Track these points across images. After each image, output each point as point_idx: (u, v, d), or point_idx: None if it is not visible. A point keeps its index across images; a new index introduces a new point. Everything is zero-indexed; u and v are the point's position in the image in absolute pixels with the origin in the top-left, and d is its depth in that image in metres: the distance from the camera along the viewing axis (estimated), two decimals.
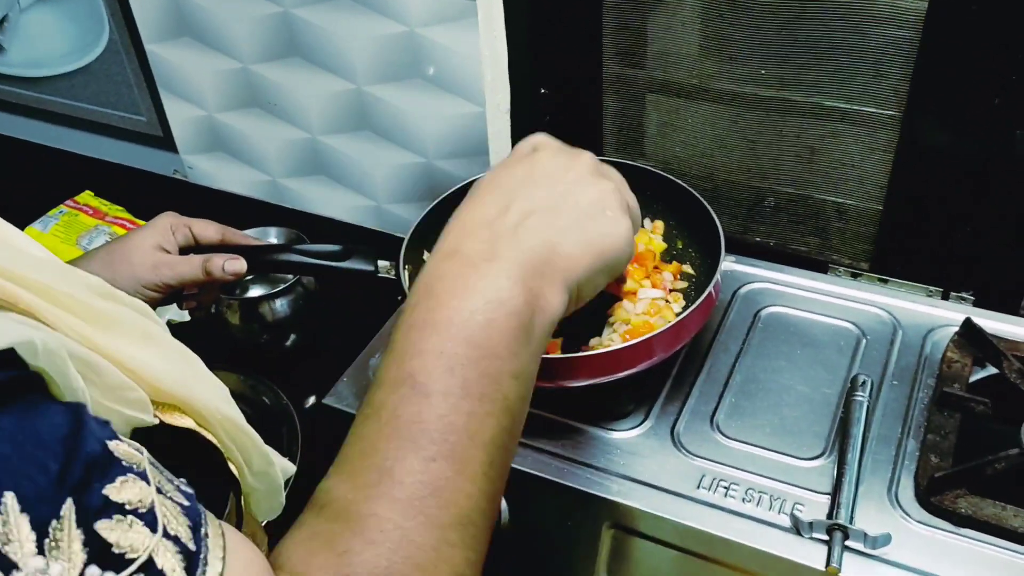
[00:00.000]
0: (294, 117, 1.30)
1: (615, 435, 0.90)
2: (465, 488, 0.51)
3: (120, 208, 1.45)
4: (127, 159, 1.53)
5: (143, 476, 0.42)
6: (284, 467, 0.63)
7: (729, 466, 0.86)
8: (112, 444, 0.42)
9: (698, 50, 1.10)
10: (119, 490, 0.40)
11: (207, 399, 0.53)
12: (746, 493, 0.83)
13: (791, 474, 0.85)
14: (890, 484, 0.83)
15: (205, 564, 0.42)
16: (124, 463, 0.41)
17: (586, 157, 0.64)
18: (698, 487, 0.84)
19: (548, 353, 0.91)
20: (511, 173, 0.61)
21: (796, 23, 1.01)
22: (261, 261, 0.99)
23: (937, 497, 0.79)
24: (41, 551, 0.36)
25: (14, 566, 0.35)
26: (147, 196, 1.49)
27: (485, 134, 1.17)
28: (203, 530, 0.43)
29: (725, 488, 0.84)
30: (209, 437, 0.55)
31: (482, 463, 0.52)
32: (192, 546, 0.42)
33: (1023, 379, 0.87)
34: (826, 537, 0.77)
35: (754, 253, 1.13)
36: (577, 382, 0.87)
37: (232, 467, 0.58)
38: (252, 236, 1.07)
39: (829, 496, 0.82)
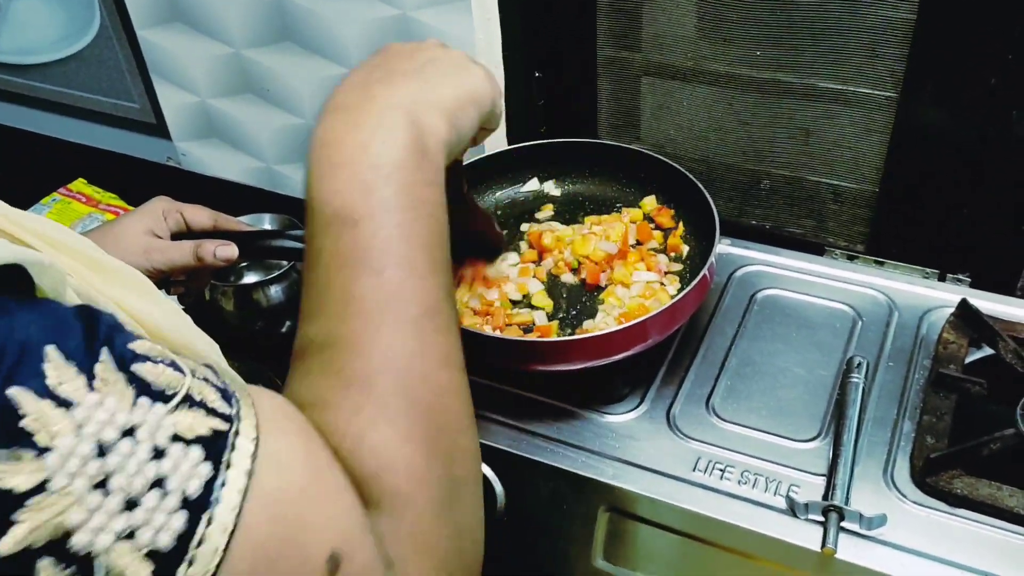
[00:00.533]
0: (287, 103, 1.30)
1: (611, 418, 0.90)
2: (420, 284, 0.55)
3: (113, 196, 1.44)
4: (120, 146, 1.52)
5: (155, 344, 0.46)
6: None
7: (725, 449, 0.86)
8: (121, 317, 0.46)
9: (693, 32, 1.09)
10: (141, 345, 0.44)
11: (201, 350, 0.55)
12: (742, 475, 0.83)
13: (787, 456, 0.85)
14: (886, 465, 0.83)
15: (235, 396, 0.46)
16: (135, 334, 0.45)
17: (432, 39, 0.69)
18: (694, 470, 0.84)
19: (543, 336, 0.91)
20: (370, 59, 0.65)
21: (791, 4, 1.00)
22: (255, 247, 0.98)
23: (933, 478, 0.79)
24: (92, 388, 0.40)
25: (69, 404, 0.39)
26: (140, 184, 1.48)
27: None
28: (222, 378, 0.48)
29: (721, 471, 0.84)
30: None
31: (426, 261, 0.56)
32: (218, 383, 0.46)
33: (1019, 359, 0.87)
34: (822, 518, 0.77)
35: (750, 236, 1.13)
36: (572, 365, 0.87)
37: None
38: (246, 223, 1.06)
39: (825, 477, 0.82)
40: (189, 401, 0.43)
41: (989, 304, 0.97)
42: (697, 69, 1.11)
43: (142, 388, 0.42)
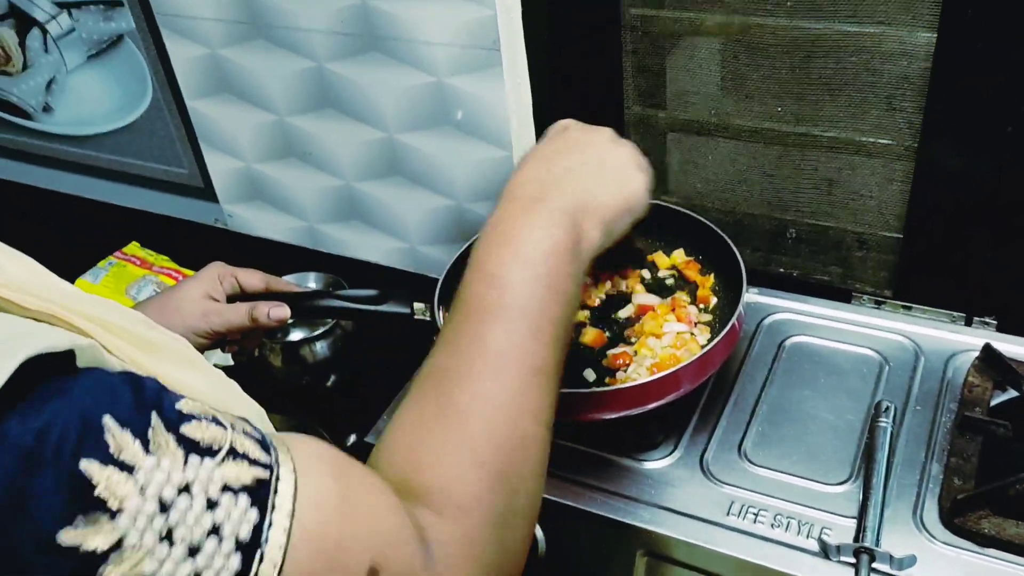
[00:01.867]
0: (329, 165, 1.36)
1: (646, 465, 0.94)
2: (539, 348, 0.64)
3: (165, 258, 1.51)
4: (170, 210, 1.59)
5: (195, 401, 0.51)
6: None
7: (758, 493, 0.89)
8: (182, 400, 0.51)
9: (716, 89, 1.14)
10: (186, 404, 0.49)
11: (244, 414, 0.59)
12: (775, 519, 0.86)
13: (818, 499, 0.87)
14: (915, 507, 0.85)
15: (272, 445, 0.52)
16: (178, 394, 0.50)
17: (606, 130, 0.79)
18: (728, 514, 0.87)
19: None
20: (549, 146, 0.77)
21: (809, 61, 1.05)
22: (303, 307, 1.04)
23: (961, 518, 0.81)
24: (148, 452, 0.45)
25: (131, 468, 0.44)
26: (190, 245, 1.55)
27: None
28: (260, 431, 0.53)
29: (754, 514, 0.87)
30: None
31: (551, 333, 0.65)
32: (257, 435, 0.52)
33: None
34: (853, 560, 0.80)
35: (778, 284, 1.16)
36: (608, 415, 0.91)
37: None
38: (292, 282, 1.11)
39: (856, 520, 0.84)
40: (233, 454, 0.49)
41: (1015, 347, 0.99)
42: (721, 124, 1.16)
43: (190, 447, 0.47)
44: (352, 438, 1.20)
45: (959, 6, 0.92)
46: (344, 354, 1.25)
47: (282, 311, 0.98)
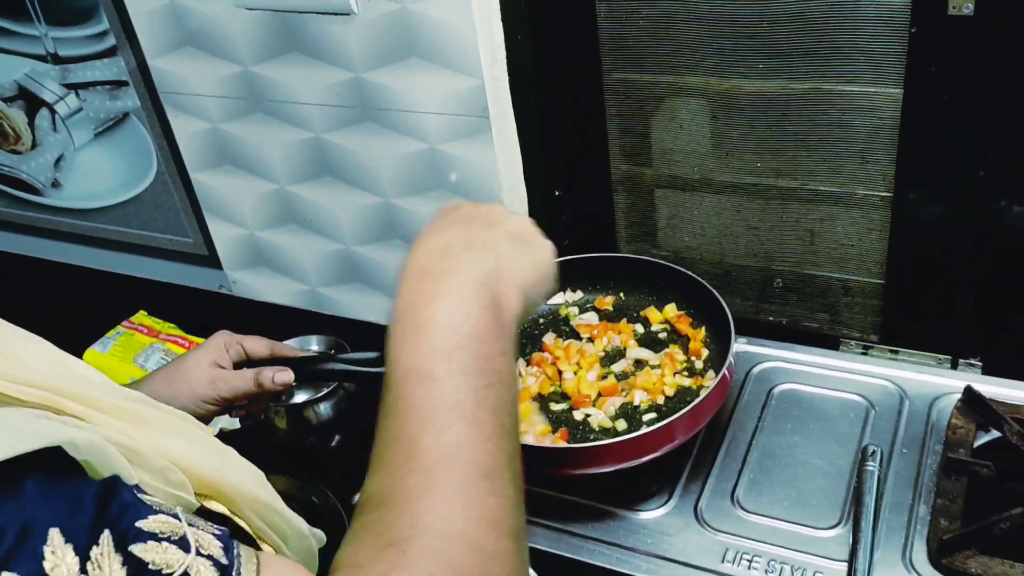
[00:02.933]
0: (328, 230, 1.40)
1: (642, 515, 0.96)
2: (483, 445, 0.56)
3: (172, 325, 1.55)
4: (176, 278, 1.63)
5: (174, 516, 0.48)
6: (318, 537, 0.71)
7: (751, 539, 0.91)
8: (143, 496, 0.49)
9: (698, 147, 1.18)
10: (151, 524, 0.47)
11: (238, 484, 0.60)
12: (768, 564, 0.88)
13: (810, 544, 0.90)
14: (904, 549, 0.87)
15: (238, 573, 0.48)
16: (155, 507, 0.48)
17: (497, 204, 0.73)
18: (722, 561, 0.90)
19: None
20: (445, 221, 0.69)
21: (785, 119, 1.09)
22: (306, 371, 1.07)
23: (948, 558, 0.84)
24: (84, 572, 0.43)
25: None
26: (196, 312, 1.59)
27: None
28: (235, 551, 0.49)
29: (748, 561, 0.89)
30: (240, 523, 0.62)
31: (493, 424, 0.57)
32: (224, 560, 0.48)
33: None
34: None
35: (768, 332, 1.19)
36: (604, 468, 0.93)
37: (267, 548, 0.64)
38: (294, 346, 1.15)
39: (847, 564, 0.86)
40: None
41: (997, 389, 1.02)
42: (705, 180, 1.20)
43: (135, 570, 0.44)
44: (357, 497, 1.23)
45: (923, 64, 0.97)
46: (347, 415, 1.28)
47: (286, 375, 1.01)
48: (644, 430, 0.93)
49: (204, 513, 0.59)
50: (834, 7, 0.99)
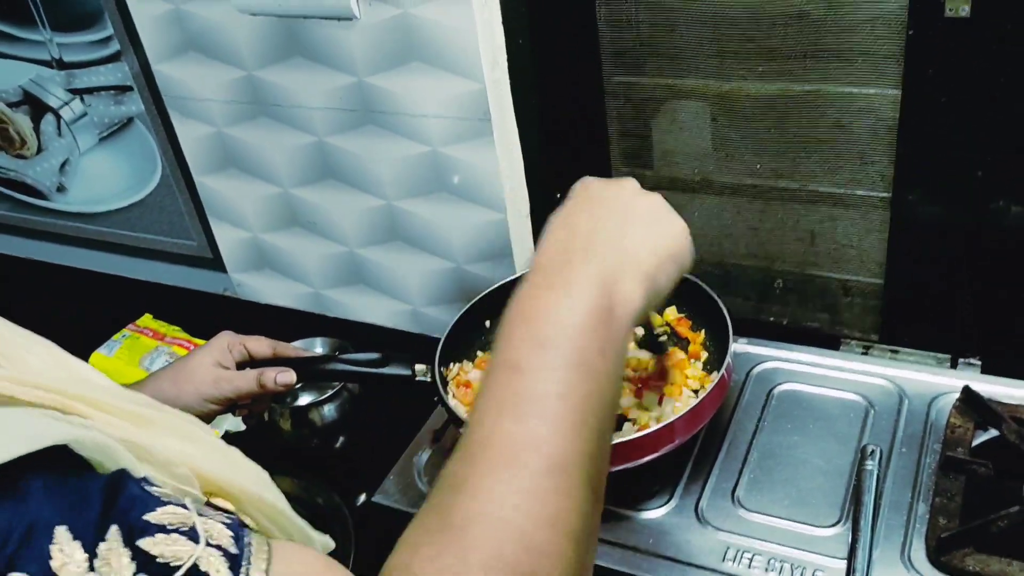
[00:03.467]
0: (332, 233, 1.41)
1: (643, 515, 0.97)
2: (557, 441, 0.55)
3: (177, 328, 1.56)
4: (181, 281, 1.64)
5: (182, 505, 0.49)
6: (324, 542, 0.71)
7: (752, 538, 0.92)
8: (151, 488, 0.49)
9: (698, 149, 1.19)
10: (159, 516, 0.47)
11: (244, 484, 0.61)
12: (768, 563, 0.89)
13: (810, 543, 0.90)
14: (903, 547, 0.88)
15: (248, 562, 0.48)
16: (163, 499, 0.48)
17: (629, 181, 0.72)
18: (723, 560, 0.90)
19: None
20: (571, 206, 0.69)
21: (784, 121, 1.10)
22: (310, 372, 1.08)
23: (946, 556, 0.84)
24: (92, 569, 0.43)
25: None
26: (201, 315, 1.60)
27: (508, 238, 1.26)
28: (245, 539, 0.49)
29: (749, 559, 0.90)
30: (247, 521, 0.62)
31: (574, 421, 0.56)
32: (234, 550, 0.48)
33: (1022, 440, 0.92)
34: None
35: (770, 332, 1.20)
36: None
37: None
38: (299, 347, 1.16)
39: (846, 562, 0.87)
40: (195, 572, 0.45)
41: (996, 388, 1.03)
42: (705, 182, 1.21)
43: (143, 565, 0.44)
44: (362, 498, 1.24)
45: (921, 65, 0.98)
46: (351, 416, 1.29)
47: (288, 376, 1.02)
48: (644, 431, 0.94)
49: (211, 508, 0.60)
50: (832, 10, 1.00)
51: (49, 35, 1.42)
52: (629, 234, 0.65)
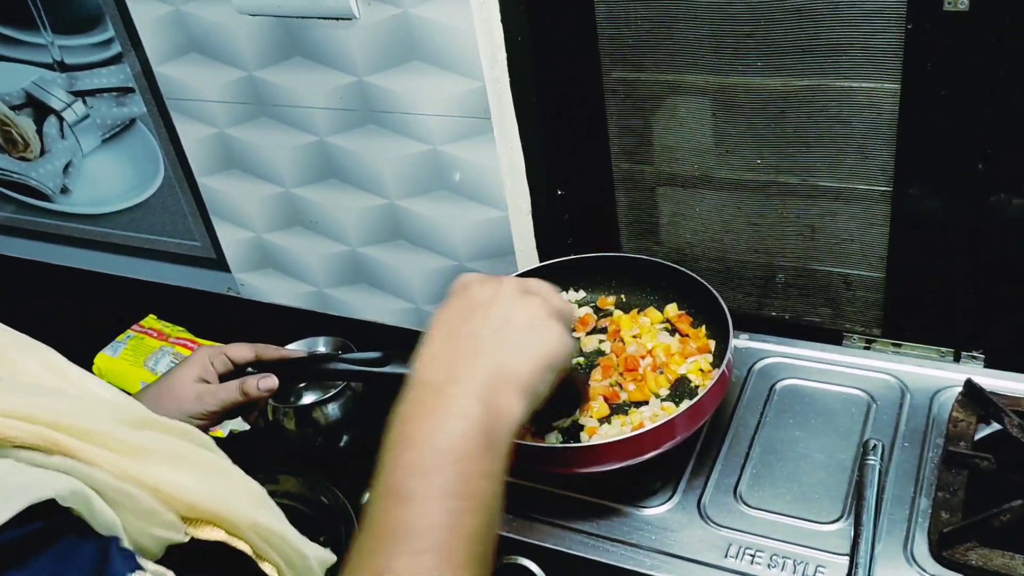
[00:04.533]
0: (334, 232, 1.41)
1: (646, 512, 0.97)
2: (447, 570, 0.57)
3: (181, 328, 1.56)
4: (184, 281, 1.65)
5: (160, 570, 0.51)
6: (321, 558, 0.71)
7: (754, 534, 0.92)
8: (136, 574, 0.51)
9: (698, 145, 1.19)
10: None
11: (238, 509, 0.61)
12: (771, 559, 0.89)
13: (812, 538, 0.90)
14: (905, 542, 0.88)
15: None
16: (146, 563, 0.50)
17: (508, 282, 0.71)
18: (726, 556, 0.91)
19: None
20: (452, 311, 0.69)
21: (783, 115, 1.10)
22: (311, 371, 1.08)
23: (949, 551, 0.84)
24: None
25: None
26: (204, 314, 1.60)
27: (510, 235, 1.27)
28: None
29: (751, 556, 0.90)
30: (241, 546, 0.63)
31: (466, 554, 0.58)
32: None
33: None
34: None
35: (771, 328, 1.20)
36: (607, 466, 0.94)
37: (268, 568, 0.65)
38: (298, 349, 1.16)
39: (848, 557, 0.87)
40: None
41: (999, 382, 1.02)
42: (706, 177, 1.20)
43: None
44: (367, 496, 1.24)
45: (920, 59, 0.97)
46: (355, 415, 1.30)
47: (270, 381, 1.00)
48: (644, 428, 0.94)
49: (196, 545, 0.60)
50: (831, 4, 0.99)
51: (51, 38, 1.42)
52: (508, 346, 0.66)
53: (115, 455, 0.55)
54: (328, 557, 0.73)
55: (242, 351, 1.03)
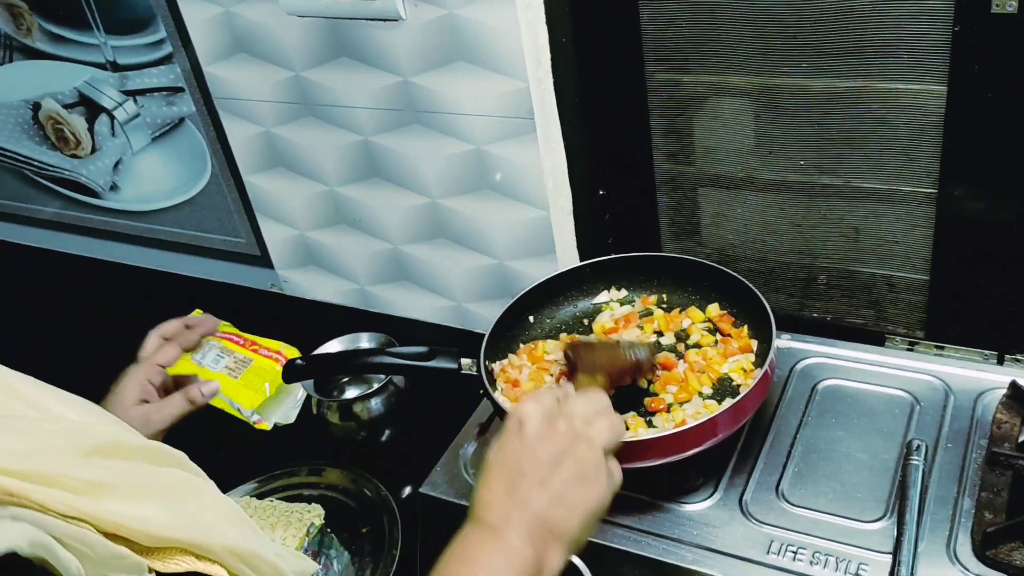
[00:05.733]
0: (377, 230, 1.43)
1: (688, 508, 0.98)
2: None
3: (227, 323, 1.59)
4: (229, 277, 1.68)
5: None
6: (300, 568, 0.73)
7: (796, 531, 0.93)
8: None
9: (741, 146, 1.19)
10: None
11: (209, 532, 0.61)
12: (813, 556, 0.90)
13: (855, 536, 0.91)
14: (948, 541, 0.88)
15: None
16: None
17: (562, 425, 0.74)
18: (768, 552, 0.91)
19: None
20: (509, 455, 0.74)
21: (828, 117, 1.10)
22: (358, 365, 1.11)
23: (992, 551, 0.85)
24: None
25: None
26: (248, 310, 1.62)
27: (551, 235, 1.28)
28: None
29: (793, 552, 0.91)
30: (215, 570, 0.63)
31: None
32: None
33: None
34: None
35: (813, 329, 1.20)
36: (651, 462, 0.95)
37: None
38: (340, 346, 1.16)
39: (891, 556, 0.88)
40: None
41: None
42: (748, 178, 1.21)
43: None
44: (407, 489, 1.26)
45: (966, 62, 0.98)
46: (397, 410, 1.32)
47: (212, 385, 1.02)
48: (687, 425, 0.95)
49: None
50: (877, 5, 1.00)
51: (103, 38, 1.46)
52: (558, 492, 0.71)
53: (70, 495, 0.54)
54: (308, 567, 0.74)
55: (169, 353, 1.04)
